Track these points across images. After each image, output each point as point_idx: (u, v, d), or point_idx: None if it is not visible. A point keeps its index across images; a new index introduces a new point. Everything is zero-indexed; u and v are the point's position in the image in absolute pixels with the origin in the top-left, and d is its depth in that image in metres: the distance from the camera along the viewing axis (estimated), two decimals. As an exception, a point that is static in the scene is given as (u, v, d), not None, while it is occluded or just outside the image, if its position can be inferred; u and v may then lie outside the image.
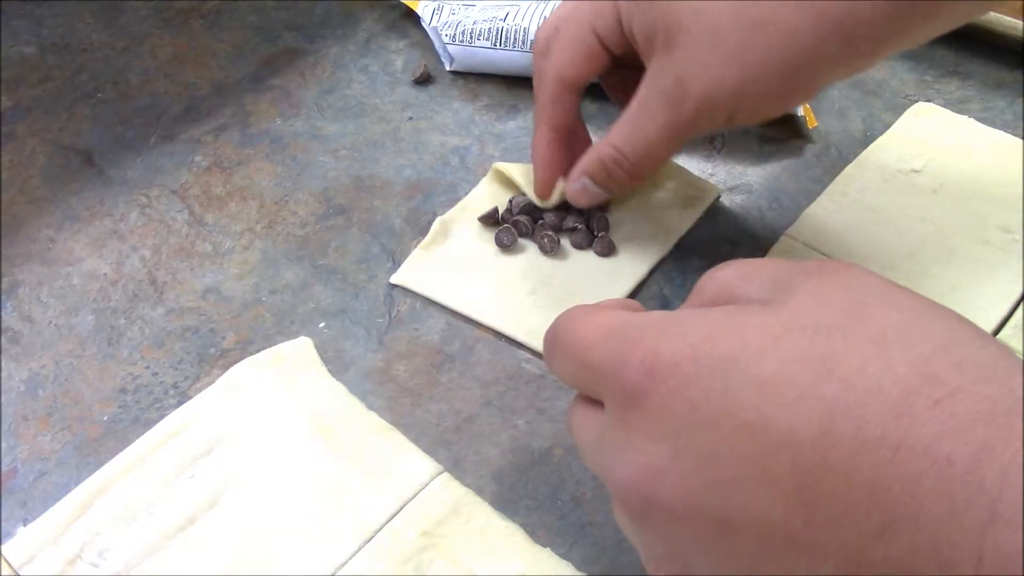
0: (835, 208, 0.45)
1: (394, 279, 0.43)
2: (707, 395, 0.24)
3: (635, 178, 0.40)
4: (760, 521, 0.23)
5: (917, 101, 0.50)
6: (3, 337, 0.41)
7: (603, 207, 0.45)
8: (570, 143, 0.42)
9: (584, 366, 0.28)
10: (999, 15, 0.52)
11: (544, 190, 0.43)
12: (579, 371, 0.28)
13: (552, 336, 0.30)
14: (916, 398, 0.21)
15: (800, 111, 0.49)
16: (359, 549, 0.34)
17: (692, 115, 0.37)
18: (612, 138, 0.40)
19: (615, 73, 0.43)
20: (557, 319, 0.30)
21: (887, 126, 0.49)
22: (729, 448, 0.23)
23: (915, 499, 0.20)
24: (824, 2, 0.34)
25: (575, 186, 0.41)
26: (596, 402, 0.28)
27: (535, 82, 0.42)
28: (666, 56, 0.37)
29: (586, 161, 0.41)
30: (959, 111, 0.50)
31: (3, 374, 0.40)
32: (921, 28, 0.36)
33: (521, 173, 0.45)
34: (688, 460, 0.24)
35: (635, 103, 0.39)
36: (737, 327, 0.24)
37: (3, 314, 0.42)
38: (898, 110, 0.50)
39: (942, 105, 0.50)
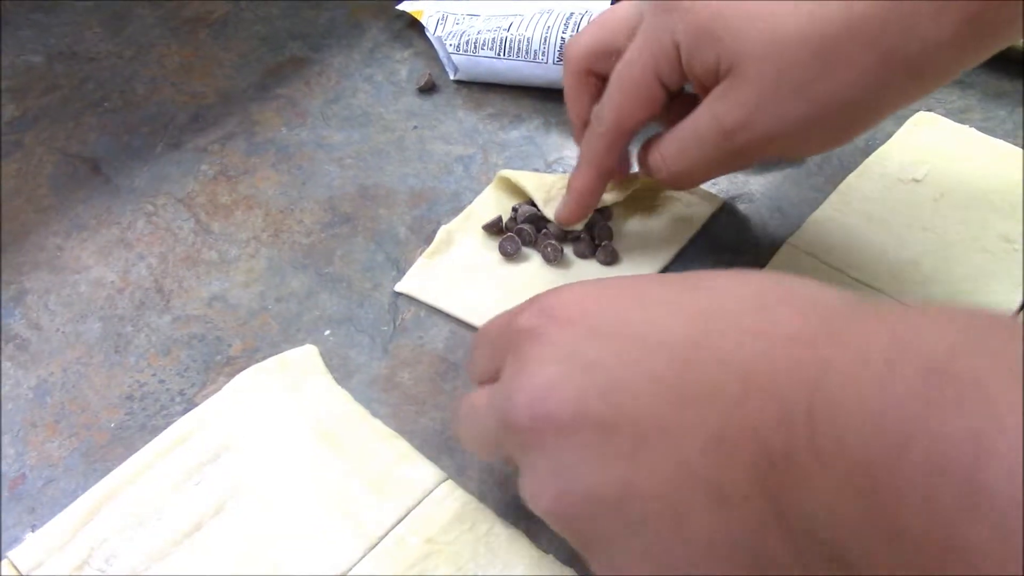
0: (837, 217, 0.45)
1: (399, 287, 0.43)
2: (598, 321, 0.28)
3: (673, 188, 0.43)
4: (637, 417, 0.26)
5: (918, 111, 0.51)
6: (11, 344, 0.41)
7: (606, 216, 0.45)
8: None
9: (490, 340, 0.32)
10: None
11: (573, 220, 0.43)
12: (488, 347, 0.32)
13: (473, 337, 0.35)
14: (771, 297, 0.26)
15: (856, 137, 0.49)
16: (364, 555, 0.34)
17: (743, 147, 0.37)
18: (663, 149, 0.39)
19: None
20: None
21: (889, 136, 0.49)
22: (616, 355, 0.27)
23: (769, 368, 0.24)
24: (891, 44, 0.34)
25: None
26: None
27: (573, 107, 0.42)
28: (726, 87, 0.36)
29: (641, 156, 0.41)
30: (960, 121, 0.50)
31: (11, 381, 0.40)
32: (978, 56, 0.36)
33: (530, 181, 0.45)
34: (577, 373, 0.27)
35: (689, 126, 0.38)
36: (617, 283, 0.30)
37: (11, 321, 0.42)
38: (899, 120, 0.50)
39: (943, 115, 0.50)
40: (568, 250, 0.44)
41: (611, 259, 0.44)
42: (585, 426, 0.26)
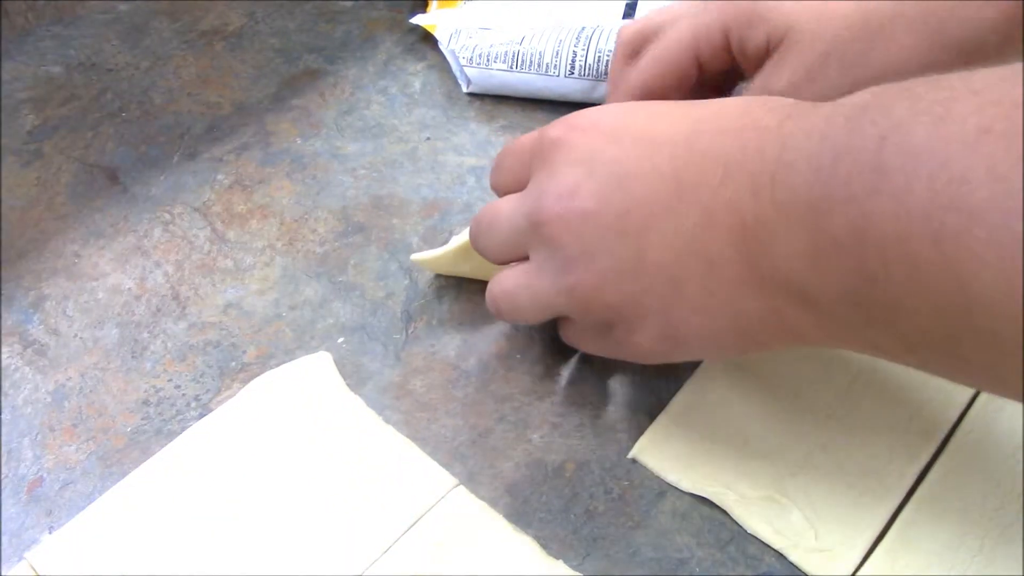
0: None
1: (415, 257, 0.44)
2: (612, 128, 0.34)
3: None
4: (647, 201, 0.32)
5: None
6: (30, 349, 0.42)
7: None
8: None
9: (518, 155, 0.37)
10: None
11: None
12: (515, 162, 0.37)
13: (497, 156, 0.40)
14: (753, 104, 0.32)
15: None
16: (375, 561, 0.35)
17: None
18: None
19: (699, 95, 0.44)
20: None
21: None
22: (627, 154, 0.33)
23: (742, 155, 0.30)
24: (938, 24, 0.36)
25: None
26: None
27: (609, 84, 0.44)
28: (775, 65, 0.39)
29: None
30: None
31: (30, 385, 0.41)
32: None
33: None
34: (599, 171, 0.33)
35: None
36: (631, 104, 0.36)
37: (31, 327, 0.43)
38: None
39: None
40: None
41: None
42: (607, 211, 0.32)
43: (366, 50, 0.58)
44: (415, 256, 0.44)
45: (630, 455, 0.38)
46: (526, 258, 0.36)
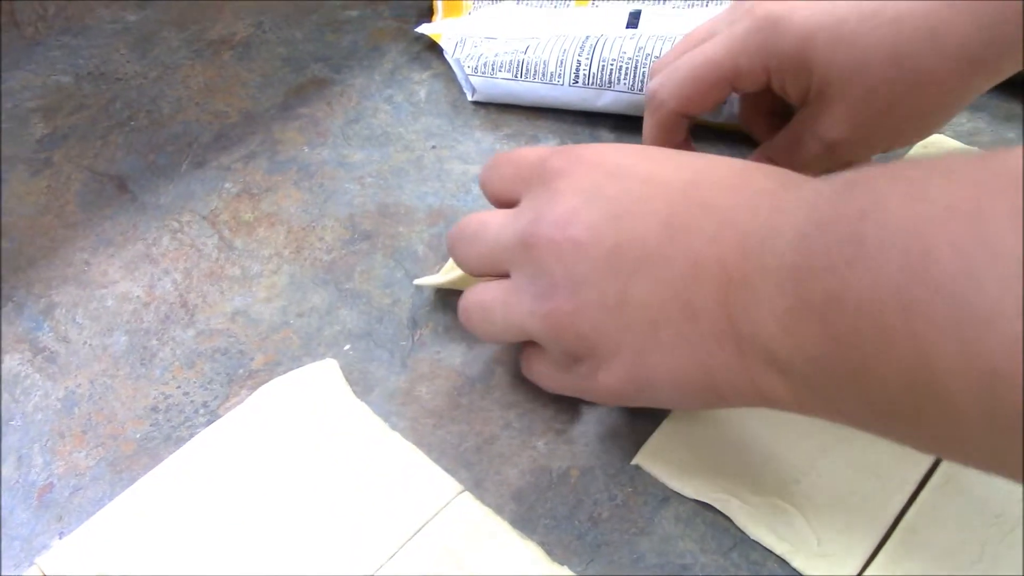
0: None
1: (418, 281, 0.45)
2: (616, 166, 0.35)
3: None
4: (640, 242, 0.32)
5: (928, 133, 0.51)
6: (40, 356, 0.42)
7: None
8: None
9: (517, 167, 0.38)
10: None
11: None
12: (514, 169, 0.38)
13: (495, 156, 0.40)
14: (752, 168, 0.33)
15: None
16: (381, 566, 0.35)
17: (842, 157, 0.42)
18: (771, 156, 0.44)
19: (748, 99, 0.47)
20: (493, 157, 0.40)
21: (899, 157, 0.50)
22: (627, 193, 0.33)
23: (735, 213, 0.31)
24: (975, 56, 0.37)
25: None
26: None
27: (646, 104, 0.45)
28: (820, 106, 0.40)
29: None
30: (969, 143, 0.51)
31: (40, 392, 0.41)
32: None
33: None
34: (597, 204, 0.34)
35: (788, 140, 0.43)
36: (634, 146, 0.36)
37: (41, 334, 0.43)
38: (910, 142, 0.51)
39: (953, 138, 0.51)
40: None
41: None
42: (599, 244, 0.33)
43: (372, 59, 0.58)
44: (419, 280, 0.45)
45: (633, 462, 0.38)
46: (503, 274, 0.37)
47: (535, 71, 0.53)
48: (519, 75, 0.53)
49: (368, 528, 0.36)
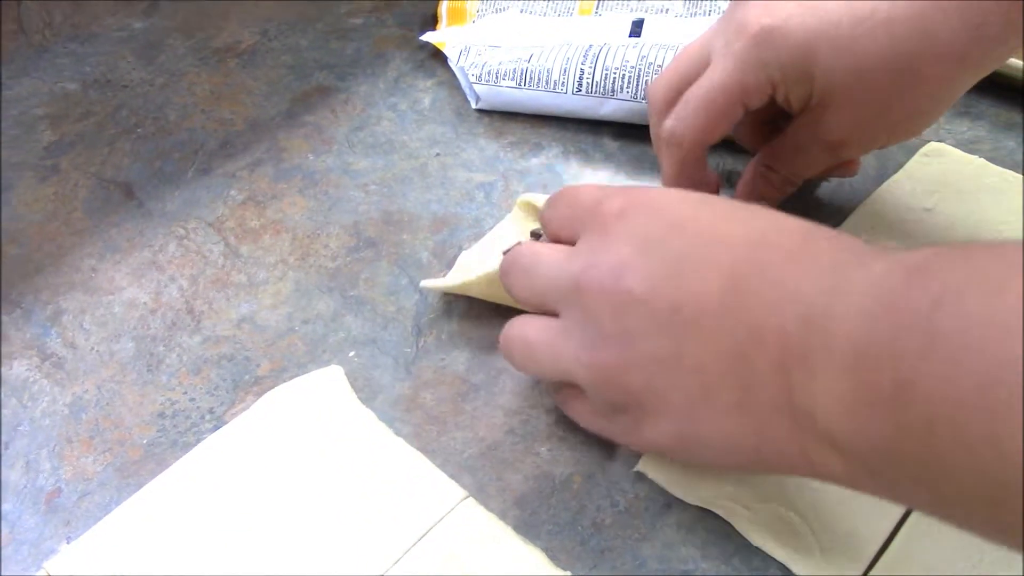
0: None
1: (425, 283, 0.45)
2: (676, 216, 0.33)
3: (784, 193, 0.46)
4: (699, 301, 0.31)
5: (929, 141, 0.52)
6: (48, 362, 0.43)
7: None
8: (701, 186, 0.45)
9: (577, 204, 0.37)
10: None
11: None
12: (571, 209, 0.37)
13: (556, 193, 0.39)
14: (815, 233, 0.32)
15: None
16: (386, 572, 0.35)
17: (843, 156, 0.43)
18: (772, 164, 0.45)
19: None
20: (565, 187, 0.40)
21: (900, 166, 0.50)
22: (687, 247, 0.32)
23: (799, 284, 0.30)
24: (964, 54, 0.38)
25: None
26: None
27: (659, 142, 0.43)
28: (820, 112, 0.41)
29: (753, 187, 0.46)
30: (970, 151, 0.51)
31: (48, 398, 0.41)
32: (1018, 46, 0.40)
33: None
34: (653, 257, 0.32)
35: (791, 142, 0.44)
36: (696, 195, 0.35)
37: (48, 340, 0.44)
38: (910, 150, 0.51)
39: (953, 145, 0.51)
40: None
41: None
42: (655, 299, 0.32)
43: (377, 67, 0.59)
44: (425, 283, 0.45)
45: (636, 468, 0.39)
46: (552, 312, 0.36)
47: (539, 79, 0.53)
48: (523, 83, 0.54)
49: (372, 534, 0.36)
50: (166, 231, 0.49)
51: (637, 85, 0.51)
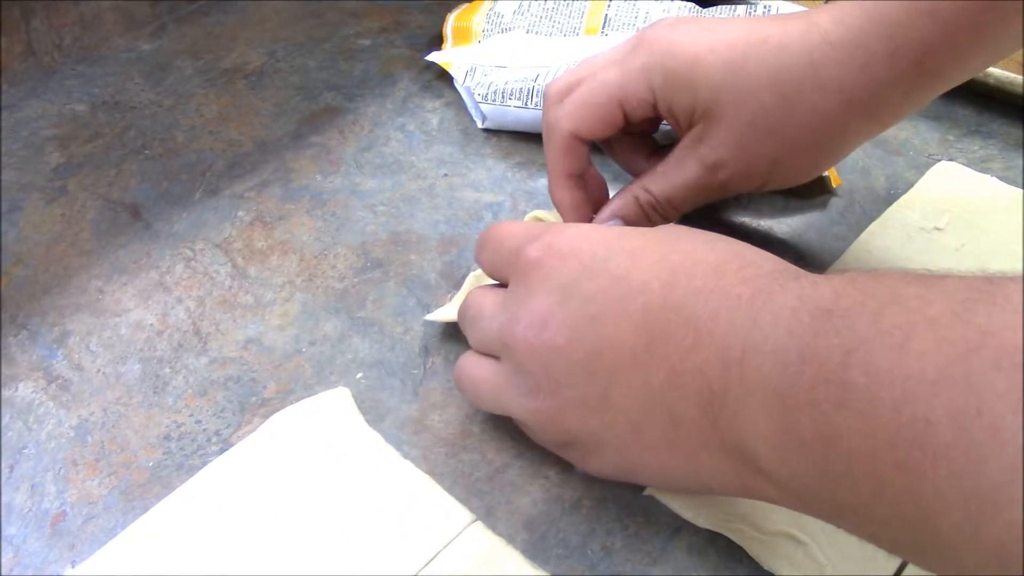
0: (859, 266, 0.46)
1: (429, 317, 0.45)
2: (591, 259, 0.34)
3: (662, 220, 0.44)
4: (618, 347, 0.32)
5: (940, 160, 0.51)
6: (54, 384, 0.43)
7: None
8: (584, 186, 0.45)
9: (502, 250, 0.38)
10: (1018, 76, 0.54)
11: None
12: (497, 255, 0.38)
13: (485, 232, 0.40)
14: (727, 267, 0.32)
15: (824, 171, 0.50)
16: (394, 595, 0.35)
17: (725, 181, 0.41)
18: (648, 183, 0.43)
19: (622, 139, 0.46)
20: (491, 225, 0.40)
21: (910, 184, 0.50)
22: (603, 293, 0.33)
23: (713, 323, 0.30)
24: (849, 90, 0.38)
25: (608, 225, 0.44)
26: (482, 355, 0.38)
27: (544, 132, 0.44)
28: (704, 129, 0.41)
29: (619, 203, 0.44)
30: (981, 170, 0.51)
31: (54, 420, 0.41)
32: (933, 94, 0.40)
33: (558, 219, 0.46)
34: (572, 304, 0.33)
35: (672, 162, 0.42)
36: (612, 231, 0.36)
37: (54, 362, 0.44)
38: (921, 168, 0.51)
39: (964, 164, 0.51)
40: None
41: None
42: (576, 348, 0.33)
43: (384, 88, 0.59)
44: (429, 316, 0.45)
45: (646, 491, 0.38)
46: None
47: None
48: (529, 102, 0.54)
49: (380, 557, 0.36)
50: (173, 252, 0.49)
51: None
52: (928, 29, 0.36)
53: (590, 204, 0.45)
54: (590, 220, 0.45)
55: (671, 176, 0.43)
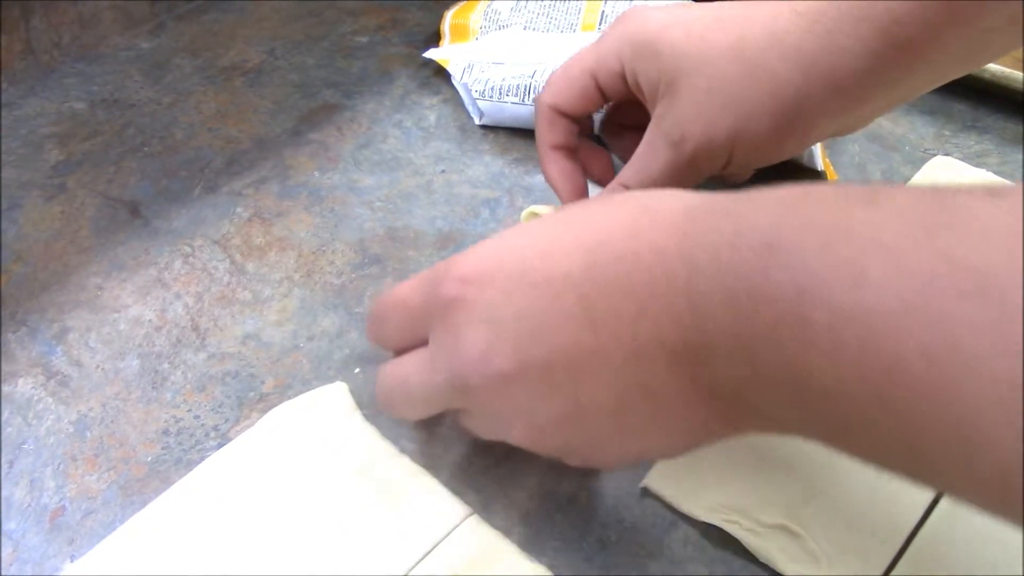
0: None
1: None
2: (508, 275, 0.32)
3: None
4: (568, 350, 0.30)
5: (935, 155, 0.52)
6: (53, 380, 0.43)
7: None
8: (579, 160, 0.46)
9: (407, 310, 0.35)
10: (1015, 71, 0.54)
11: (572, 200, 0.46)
12: (404, 319, 0.36)
13: (373, 310, 0.38)
14: (639, 224, 0.30)
15: (820, 166, 0.51)
16: (391, 588, 0.35)
17: (691, 156, 0.40)
18: (621, 176, 0.43)
19: (622, 135, 0.47)
20: (372, 306, 0.39)
21: (906, 179, 0.50)
22: (530, 303, 0.31)
23: (650, 285, 0.29)
24: (810, 55, 0.37)
25: None
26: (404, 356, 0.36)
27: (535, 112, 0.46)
28: (668, 103, 0.40)
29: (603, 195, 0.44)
30: (977, 165, 0.51)
31: (53, 416, 0.41)
32: (905, 83, 0.39)
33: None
34: (507, 328, 0.31)
35: (642, 145, 0.42)
36: (515, 237, 0.33)
37: (54, 358, 0.44)
38: (917, 164, 0.51)
39: (960, 159, 0.51)
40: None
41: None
42: (529, 370, 0.31)
43: (382, 85, 0.59)
44: None
45: (643, 484, 0.38)
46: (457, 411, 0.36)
47: (543, 96, 0.53)
48: (526, 99, 0.54)
49: (377, 550, 0.36)
50: (172, 249, 0.49)
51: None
52: None
53: (582, 175, 0.46)
54: (584, 189, 0.46)
55: (644, 163, 0.42)
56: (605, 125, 0.49)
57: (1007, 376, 0.21)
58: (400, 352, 0.37)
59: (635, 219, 0.31)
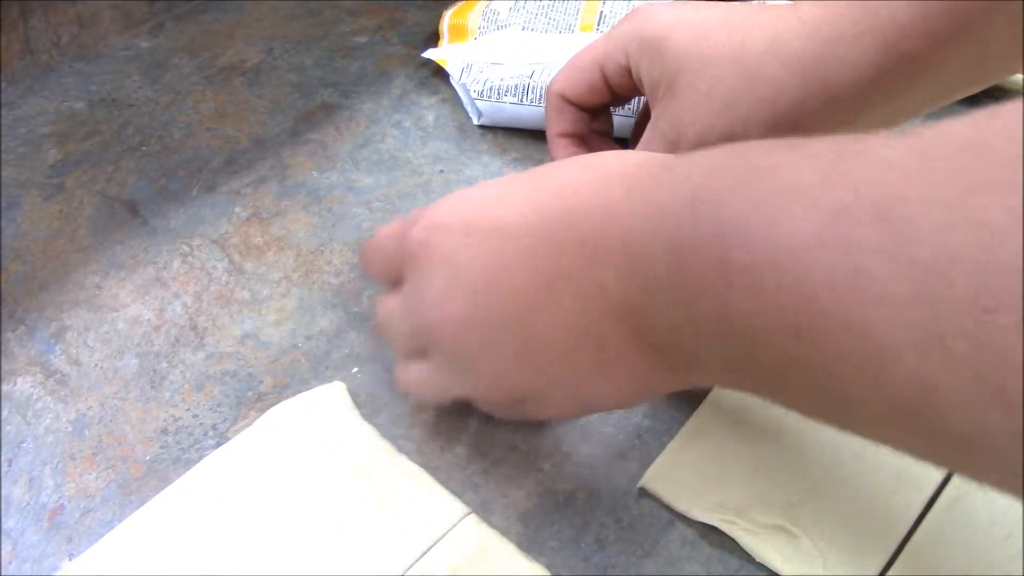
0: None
1: None
2: (468, 219, 0.34)
3: None
4: (519, 294, 0.32)
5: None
6: (52, 379, 0.43)
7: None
8: (587, 150, 0.47)
9: (386, 249, 0.38)
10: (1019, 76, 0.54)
11: None
12: (384, 255, 0.38)
13: (364, 244, 0.41)
14: (585, 183, 0.32)
15: None
16: (389, 587, 0.35)
17: None
18: None
19: (638, 135, 0.46)
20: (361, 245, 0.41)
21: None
22: (486, 248, 0.33)
23: (597, 236, 0.30)
24: (809, 63, 0.38)
25: None
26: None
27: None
28: (668, 102, 0.41)
29: None
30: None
31: (52, 415, 0.41)
32: (903, 98, 0.38)
33: None
34: (464, 271, 0.33)
35: (641, 142, 0.43)
36: (483, 187, 0.36)
37: (52, 357, 0.44)
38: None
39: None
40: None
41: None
42: (483, 312, 0.33)
43: (381, 85, 0.59)
44: None
45: (640, 484, 0.39)
46: None
47: (540, 95, 0.53)
48: (524, 99, 0.54)
49: (374, 550, 0.36)
50: (170, 248, 0.49)
51: (637, 101, 0.52)
52: (901, 8, 0.36)
53: None
54: None
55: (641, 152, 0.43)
56: (634, 135, 0.50)
57: (908, 297, 0.21)
58: (392, 285, 0.38)
59: (582, 176, 0.33)
